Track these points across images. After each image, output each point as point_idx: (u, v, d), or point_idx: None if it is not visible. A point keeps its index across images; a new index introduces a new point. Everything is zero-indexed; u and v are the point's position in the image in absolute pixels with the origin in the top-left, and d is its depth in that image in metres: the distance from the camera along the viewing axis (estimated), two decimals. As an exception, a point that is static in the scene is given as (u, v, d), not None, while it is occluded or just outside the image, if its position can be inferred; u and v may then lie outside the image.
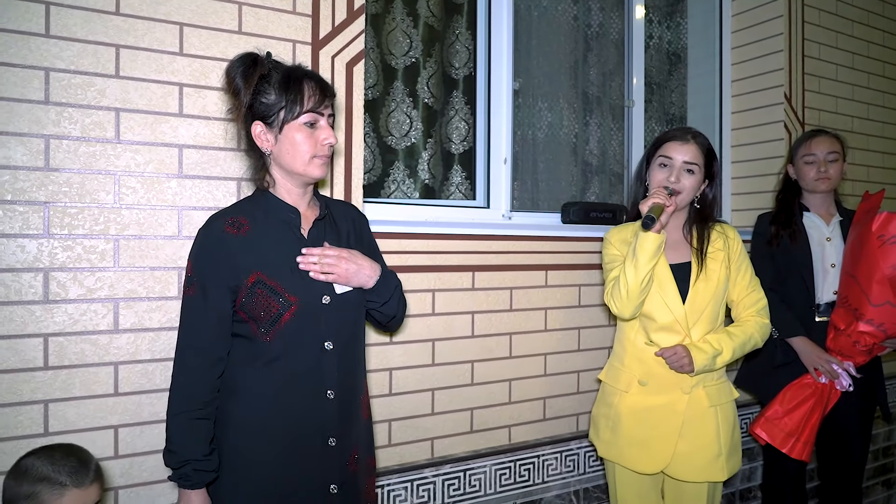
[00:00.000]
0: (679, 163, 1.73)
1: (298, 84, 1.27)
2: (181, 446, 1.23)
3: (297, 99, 1.26)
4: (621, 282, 1.70)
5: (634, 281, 1.66)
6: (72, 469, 1.14)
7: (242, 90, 1.26)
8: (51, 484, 1.11)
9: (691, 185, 1.74)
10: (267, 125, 1.29)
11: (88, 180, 1.46)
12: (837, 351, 2.06)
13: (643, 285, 1.66)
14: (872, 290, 1.95)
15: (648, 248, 1.63)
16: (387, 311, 1.41)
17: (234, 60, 1.29)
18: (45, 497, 1.10)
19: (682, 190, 1.73)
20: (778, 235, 2.21)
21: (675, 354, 1.68)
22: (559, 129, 2.66)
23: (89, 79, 1.46)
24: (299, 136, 1.28)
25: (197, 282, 1.26)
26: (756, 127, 2.75)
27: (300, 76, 1.29)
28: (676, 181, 1.72)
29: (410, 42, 2.35)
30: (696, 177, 1.74)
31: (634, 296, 1.68)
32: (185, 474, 1.22)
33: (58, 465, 1.13)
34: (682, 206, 1.77)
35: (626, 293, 1.69)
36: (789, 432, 2.05)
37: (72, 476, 1.13)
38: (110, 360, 1.48)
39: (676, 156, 1.74)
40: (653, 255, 1.64)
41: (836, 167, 2.20)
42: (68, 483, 1.12)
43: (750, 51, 2.77)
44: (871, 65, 2.98)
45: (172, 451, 1.24)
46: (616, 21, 2.75)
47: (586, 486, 2.17)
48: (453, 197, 2.38)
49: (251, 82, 1.26)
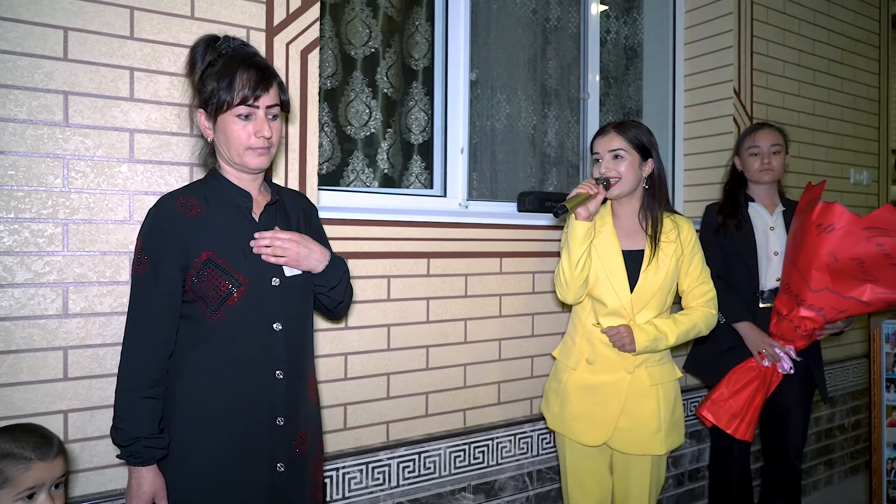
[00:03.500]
0: (605, 154, 1.84)
1: (231, 74, 1.26)
2: (130, 423, 1.23)
3: (228, 89, 1.26)
4: (560, 269, 1.81)
5: (568, 267, 1.77)
6: (35, 444, 1.14)
7: (196, 73, 1.29)
8: (15, 459, 1.11)
9: (626, 169, 1.81)
10: (207, 113, 1.31)
11: (36, 163, 1.45)
12: (780, 335, 2.15)
13: (578, 270, 1.76)
14: (812, 277, 2.04)
15: (577, 234, 1.74)
16: (334, 295, 1.44)
17: (195, 43, 1.32)
18: (11, 472, 1.10)
19: (619, 175, 1.81)
20: (724, 225, 2.30)
21: (617, 334, 1.76)
22: (517, 120, 2.71)
23: (36, 61, 1.44)
24: (233, 128, 1.29)
25: (148, 259, 1.27)
26: (707, 120, 2.83)
27: (236, 65, 1.28)
28: (608, 170, 1.81)
29: (370, 32, 2.36)
30: (628, 160, 1.81)
31: (571, 280, 1.77)
32: (135, 451, 1.22)
33: (21, 441, 1.13)
34: (628, 191, 1.84)
35: (563, 280, 1.80)
36: (734, 414, 2.13)
37: (36, 450, 1.13)
38: (59, 344, 1.48)
39: (601, 149, 1.85)
40: (581, 240, 1.74)
41: (779, 159, 2.29)
42: (33, 457, 1.12)
43: (702, 46, 2.86)
44: (817, 62, 3.09)
45: (120, 429, 1.23)
46: (574, 15, 2.81)
47: (539, 468, 2.23)
48: (413, 187, 2.41)
49: (198, 68, 1.29)
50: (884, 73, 3.43)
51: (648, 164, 1.84)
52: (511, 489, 2.16)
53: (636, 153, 1.82)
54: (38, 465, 1.14)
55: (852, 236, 1.98)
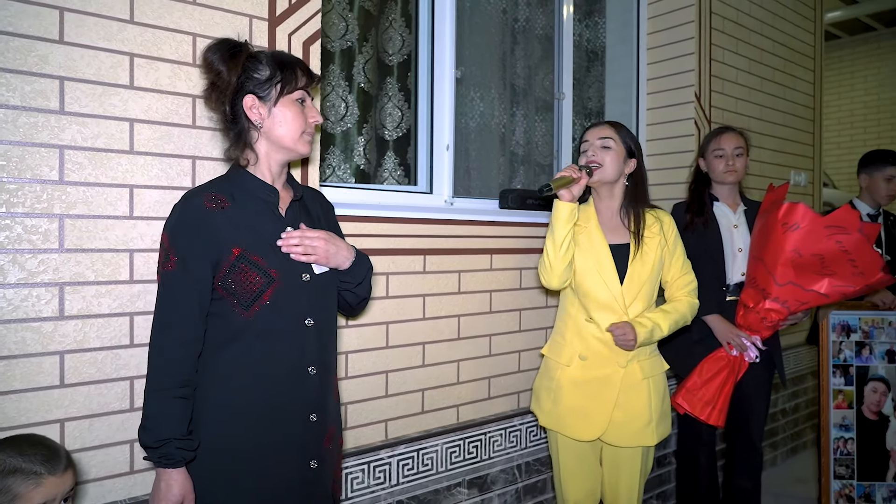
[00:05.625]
0: (595, 141, 1.90)
1: (292, 63, 1.32)
2: (160, 424, 1.18)
3: (292, 75, 1.30)
4: (544, 254, 1.85)
5: (553, 248, 1.81)
6: (44, 457, 1.06)
7: (226, 70, 1.27)
8: (25, 475, 1.03)
9: (611, 158, 1.88)
10: (260, 99, 1.29)
11: (30, 153, 1.34)
12: (746, 326, 2.29)
13: (563, 251, 1.80)
14: (778, 272, 2.18)
15: (561, 215, 1.78)
16: (360, 291, 1.43)
17: (214, 44, 1.30)
18: (20, 489, 1.02)
19: (601, 163, 1.88)
20: (693, 223, 2.42)
21: (623, 332, 1.80)
22: (490, 118, 2.73)
23: (30, 43, 1.33)
24: (292, 112, 1.31)
25: (177, 256, 1.22)
26: (669, 123, 2.97)
27: (287, 55, 1.35)
28: (594, 156, 1.88)
29: (347, 26, 2.33)
30: (614, 150, 1.89)
31: (556, 263, 1.81)
32: (166, 453, 1.17)
33: (28, 456, 1.05)
34: (609, 179, 1.91)
35: (548, 263, 1.83)
36: (707, 401, 2.25)
37: (45, 464, 1.05)
38: (55, 348, 1.37)
39: (591, 137, 1.92)
40: (565, 221, 1.78)
41: (742, 161, 2.43)
42: (44, 472, 1.05)
43: (664, 52, 2.99)
44: (764, 70, 3.30)
45: (150, 429, 1.18)
46: (541, 17, 2.86)
47: (528, 460, 2.27)
48: (387, 182, 2.39)
49: (239, 61, 1.28)
50: (818, 84, 3.71)
51: (632, 162, 1.92)
52: (502, 482, 2.19)
53: (623, 148, 1.90)
54: (48, 480, 1.07)
55: (815, 234, 2.14)
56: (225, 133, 1.36)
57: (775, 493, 3.10)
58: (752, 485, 2.44)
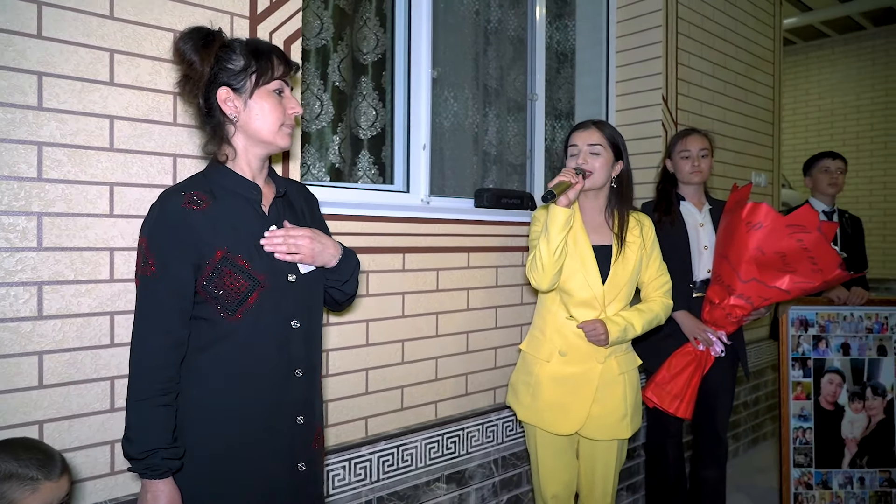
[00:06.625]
0: (584, 147, 1.92)
1: (268, 52, 1.27)
2: (144, 434, 1.15)
3: (268, 65, 1.25)
4: (537, 255, 1.85)
5: (548, 253, 1.81)
6: (40, 462, 1.04)
7: (198, 60, 1.22)
8: (21, 480, 1.01)
9: (600, 165, 1.92)
10: (234, 91, 1.25)
11: (7, 150, 1.31)
12: (713, 322, 2.37)
13: (556, 256, 1.81)
14: (742, 269, 2.27)
15: (557, 221, 1.79)
16: (347, 289, 1.42)
17: (186, 32, 1.24)
18: (15, 495, 1.00)
19: (592, 170, 1.91)
20: (661, 221, 2.49)
21: (594, 329, 1.85)
22: (464, 118, 2.76)
23: (7, 37, 1.31)
24: (269, 103, 1.27)
25: (157, 259, 1.18)
26: (638, 124, 3.05)
27: (263, 44, 1.29)
28: (584, 162, 1.90)
29: (322, 24, 2.33)
30: (603, 157, 1.92)
31: (549, 267, 1.82)
32: (152, 464, 1.14)
33: (24, 461, 1.03)
34: (598, 186, 1.95)
35: (541, 266, 1.83)
36: (675, 395, 2.33)
37: (41, 469, 1.03)
38: (34, 349, 1.35)
39: (580, 142, 1.94)
40: (562, 227, 1.79)
41: (707, 162, 2.52)
42: (40, 477, 1.03)
43: (633, 55, 3.06)
44: (727, 75, 3.42)
45: (134, 440, 1.15)
46: (513, 18, 2.91)
47: (504, 455, 2.31)
48: (361, 181, 2.40)
49: (212, 50, 1.23)
50: (777, 88, 3.85)
51: (619, 164, 1.97)
52: (479, 476, 2.23)
53: (611, 151, 1.94)
54: (45, 486, 1.05)
55: (777, 233, 2.23)
56: (201, 127, 1.32)
57: (737, 483, 3.21)
58: (717, 475, 2.54)
